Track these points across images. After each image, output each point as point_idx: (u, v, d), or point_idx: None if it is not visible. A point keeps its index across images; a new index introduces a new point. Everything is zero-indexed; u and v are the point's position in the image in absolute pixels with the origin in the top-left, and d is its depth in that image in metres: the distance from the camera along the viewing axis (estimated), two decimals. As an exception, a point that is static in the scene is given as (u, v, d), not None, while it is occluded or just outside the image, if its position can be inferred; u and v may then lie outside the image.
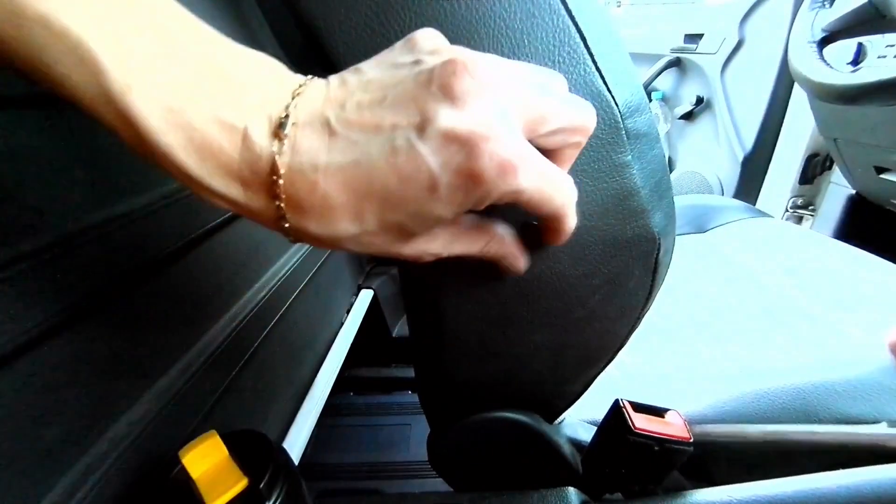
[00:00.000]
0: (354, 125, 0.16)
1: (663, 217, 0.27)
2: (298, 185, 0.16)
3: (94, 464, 0.24)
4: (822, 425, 0.39)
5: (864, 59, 0.78)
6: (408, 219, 0.17)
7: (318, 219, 0.16)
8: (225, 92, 0.16)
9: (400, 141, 0.16)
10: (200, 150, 0.15)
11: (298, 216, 0.16)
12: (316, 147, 0.16)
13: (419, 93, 0.16)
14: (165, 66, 0.15)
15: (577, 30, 0.22)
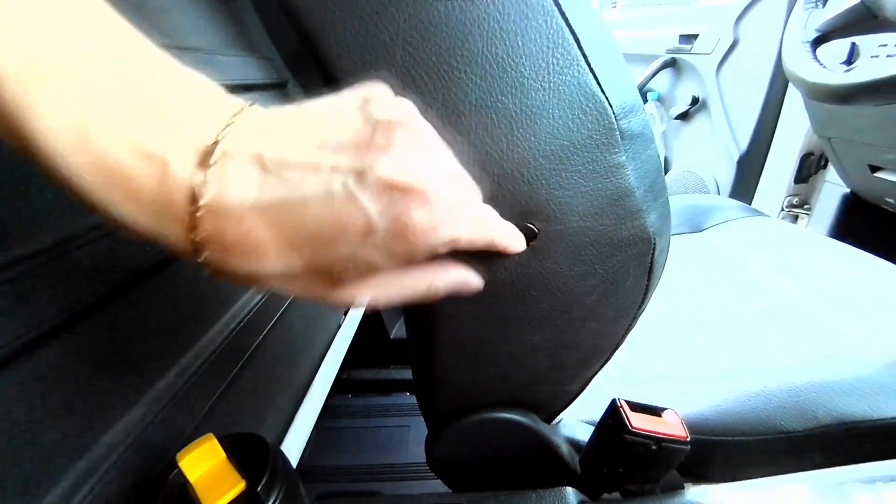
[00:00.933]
0: (291, 163, 0.15)
1: (658, 217, 0.27)
2: (222, 219, 0.15)
3: (91, 467, 0.24)
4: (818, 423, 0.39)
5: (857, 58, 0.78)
6: (338, 262, 0.16)
7: (242, 256, 0.16)
8: (148, 115, 0.15)
9: (337, 184, 0.15)
10: (109, 176, 0.14)
11: (219, 252, 0.16)
12: (245, 181, 0.15)
13: (362, 141, 0.16)
14: (78, 82, 0.14)
15: (571, 32, 0.22)
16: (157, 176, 0.15)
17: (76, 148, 0.14)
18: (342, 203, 0.15)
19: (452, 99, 0.22)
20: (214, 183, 0.15)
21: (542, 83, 0.22)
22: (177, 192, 0.15)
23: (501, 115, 0.23)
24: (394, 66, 0.22)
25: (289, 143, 0.16)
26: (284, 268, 0.16)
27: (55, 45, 0.13)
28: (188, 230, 0.15)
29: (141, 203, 0.15)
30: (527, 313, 0.28)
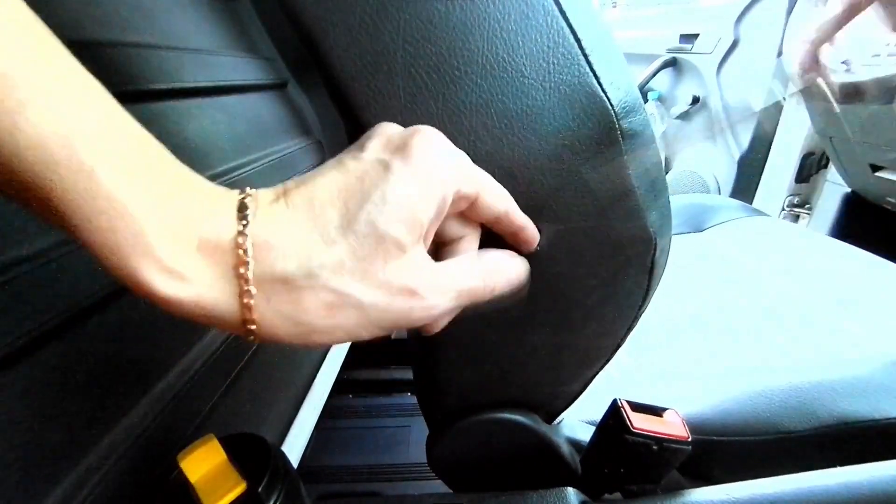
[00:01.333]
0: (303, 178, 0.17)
1: (659, 217, 0.27)
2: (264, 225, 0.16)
3: (92, 468, 0.24)
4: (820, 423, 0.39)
5: (858, 58, 0.78)
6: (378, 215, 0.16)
7: (286, 252, 0.16)
8: (184, 176, 0.16)
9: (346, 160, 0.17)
10: (163, 212, 0.14)
11: (265, 259, 0.16)
12: (274, 197, 0.17)
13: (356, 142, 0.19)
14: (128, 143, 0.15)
15: (572, 31, 0.22)
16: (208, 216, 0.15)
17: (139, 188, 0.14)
18: (353, 163, 0.17)
19: (453, 98, 0.22)
20: (251, 204, 0.16)
21: (542, 83, 0.22)
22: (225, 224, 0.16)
23: (502, 115, 0.23)
24: (394, 65, 0.22)
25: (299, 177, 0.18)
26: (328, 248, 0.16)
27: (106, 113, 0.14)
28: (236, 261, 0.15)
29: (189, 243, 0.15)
30: (526, 313, 0.28)
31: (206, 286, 0.15)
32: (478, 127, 0.23)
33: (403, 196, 0.16)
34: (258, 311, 0.16)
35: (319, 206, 0.16)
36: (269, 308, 0.16)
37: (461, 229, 0.21)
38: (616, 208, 0.25)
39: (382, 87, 0.22)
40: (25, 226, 0.23)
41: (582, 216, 0.25)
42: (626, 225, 0.26)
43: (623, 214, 0.26)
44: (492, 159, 0.23)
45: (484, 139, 0.23)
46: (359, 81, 0.22)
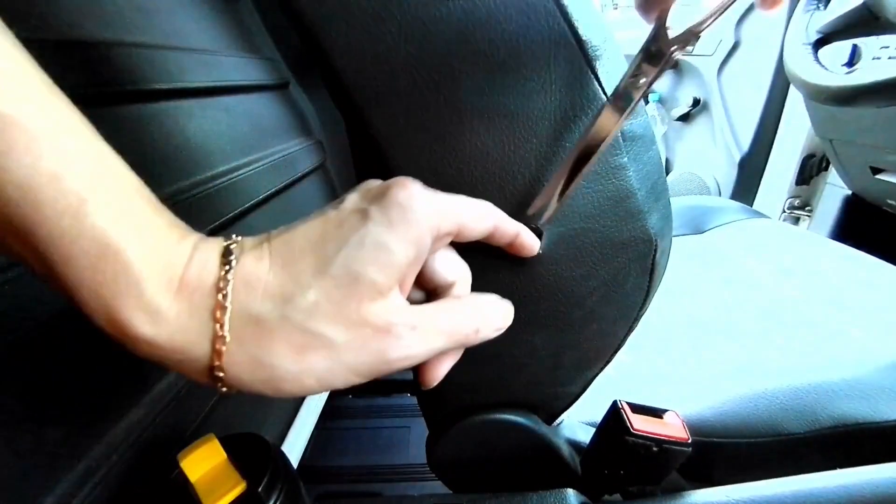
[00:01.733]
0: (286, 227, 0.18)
1: (660, 218, 0.27)
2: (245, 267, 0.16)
3: (92, 467, 0.24)
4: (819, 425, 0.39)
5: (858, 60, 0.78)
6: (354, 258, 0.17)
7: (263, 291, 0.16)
8: (168, 216, 0.16)
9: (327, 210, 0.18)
10: (148, 250, 0.15)
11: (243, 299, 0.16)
12: (256, 242, 0.17)
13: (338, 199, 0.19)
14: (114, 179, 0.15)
15: (573, 32, 0.22)
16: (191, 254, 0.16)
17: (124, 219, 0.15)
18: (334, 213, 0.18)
19: (454, 101, 0.22)
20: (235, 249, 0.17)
21: (543, 84, 0.22)
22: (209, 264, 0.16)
23: (503, 117, 0.23)
24: (396, 66, 0.22)
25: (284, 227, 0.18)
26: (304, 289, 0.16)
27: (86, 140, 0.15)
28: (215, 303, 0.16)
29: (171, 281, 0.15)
30: (528, 314, 0.28)
31: (181, 327, 0.15)
32: (479, 128, 0.23)
33: (379, 240, 0.16)
34: (228, 356, 0.16)
35: (298, 252, 0.16)
36: (239, 351, 0.16)
37: (451, 273, 0.21)
38: (617, 210, 0.25)
39: (383, 87, 0.22)
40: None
41: (582, 217, 0.25)
42: (627, 226, 0.26)
43: (624, 216, 0.26)
44: (493, 161, 0.23)
45: (485, 141, 0.23)
46: (360, 82, 0.22)
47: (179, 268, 0.15)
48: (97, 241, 0.14)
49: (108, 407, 0.26)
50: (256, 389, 0.17)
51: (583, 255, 0.26)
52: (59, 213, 0.13)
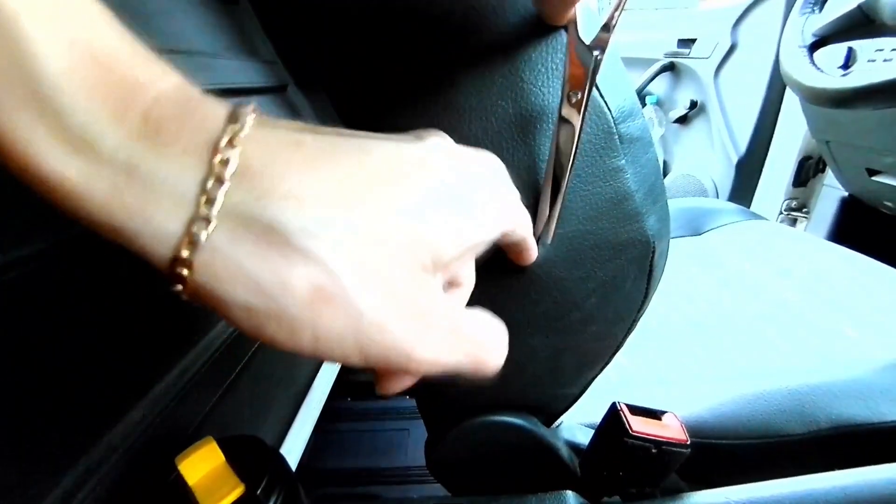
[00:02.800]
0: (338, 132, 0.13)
1: (657, 220, 0.27)
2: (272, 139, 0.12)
3: (90, 469, 0.24)
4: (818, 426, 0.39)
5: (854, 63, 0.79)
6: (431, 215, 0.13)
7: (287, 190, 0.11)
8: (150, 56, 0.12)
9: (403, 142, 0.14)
10: (103, 77, 0.10)
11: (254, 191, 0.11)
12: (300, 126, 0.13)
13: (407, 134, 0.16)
14: None
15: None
16: (170, 86, 0.11)
17: (76, 44, 0.10)
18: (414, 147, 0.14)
19: (453, 103, 0.22)
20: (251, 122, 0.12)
21: (541, 87, 0.22)
22: (203, 121, 0.11)
23: (501, 120, 0.23)
24: (394, 68, 0.22)
25: None
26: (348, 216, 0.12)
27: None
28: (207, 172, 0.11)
29: (138, 118, 0.11)
30: (526, 316, 0.28)
31: (136, 184, 0.10)
32: (478, 131, 0.23)
33: (463, 213, 0.14)
34: (206, 252, 0.11)
35: (371, 175, 0.12)
36: (228, 253, 0.11)
37: (465, 275, 0.19)
38: (615, 212, 0.25)
39: (383, 90, 0.22)
40: (26, 226, 0.23)
41: (580, 220, 0.25)
42: (625, 228, 0.26)
43: (621, 218, 0.26)
44: (491, 162, 0.23)
45: (484, 143, 0.23)
46: (359, 85, 0.22)
47: (147, 94, 0.11)
48: (36, 60, 0.09)
49: (106, 409, 0.26)
50: (227, 313, 0.12)
51: (581, 257, 0.26)
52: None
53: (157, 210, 0.11)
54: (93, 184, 0.10)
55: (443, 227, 0.13)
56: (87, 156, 0.10)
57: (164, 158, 0.10)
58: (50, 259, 0.23)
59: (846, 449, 0.39)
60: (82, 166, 0.10)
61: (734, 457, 0.39)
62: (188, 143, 0.11)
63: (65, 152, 0.10)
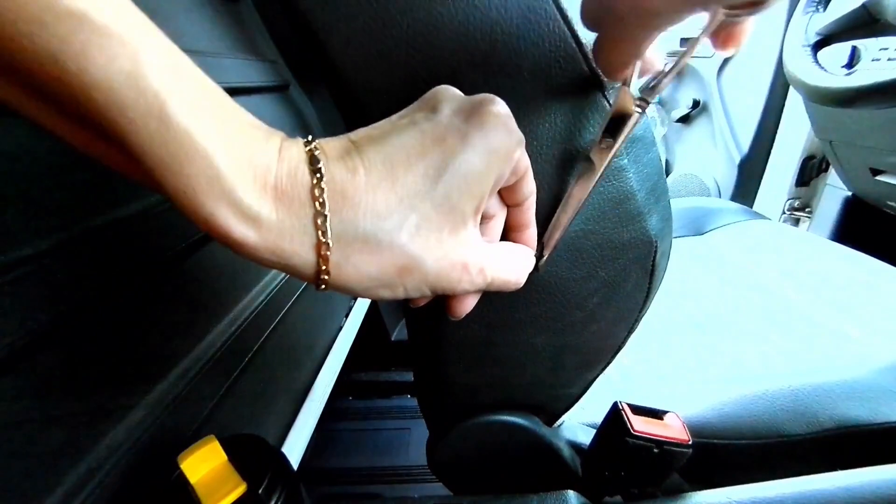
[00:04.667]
0: (371, 134, 0.17)
1: (660, 220, 0.27)
2: (340, 178, 0.16)
3: (93, 468, 0.24)
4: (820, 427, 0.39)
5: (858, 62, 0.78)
6: (454, 185, 0.17)
7: (369, 210, 0.16)
8: (249, 118, 0.16)
9: (421, 121, 0.17)
10: (237, 153, 0.14)
11: (345, 214, 0.16)
12: (345, 150, 0.16)
13: (423, 102, 0.18)
14: (204, 84, 0.15)
15: (573, 35, 0.22)
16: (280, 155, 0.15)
17: (201, 115, 0.14)
18: (430, 126, 0.17)
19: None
20: (323, 157, 0.16)
21: (543, 86, 0.22)
22: (297, 167, 0.15)
23: None
24: (397, 68, 0.22)
25: (364, 130, 0.18)
26: (409, 211, 0.16)
27: (181, 55, 0.14)
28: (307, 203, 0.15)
29: (264, 184, 0.15)
30: (528, 315, 0.28)
31: (283, 235, 0.15)
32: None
33: (477, 169, 0.17)
34: (334, 264, 0.16)
35: (399, 166, 0.16)
36: (344, 261, 0.16)
37: (496, 207, 0.21)
38: (617, 211, 0.25)
39: (385, 89, 0.22)
40: (25, 227, 0.23)
41: (583, 219, 0.25)
42: (627, 228, 0.26)
43: (623, 218, 0.26)
44: (493, 162, 0.23)
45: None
46: (361, 83, 0.22)
47: (271, 172, 0.15)
48: (185, 146, 0.13)
49: (108, 408, 0.26)
50: (357, 293, 0.18)
51: (583, 256, 0.26)
52: (143, 116, 0.13)
53: (300, 248, 0.16)
54: (262, 240, 0.15)
55: (464, 191, 0.17)
56: (256, 223, 0.15)
57: (293, 213, 0.15)
58: (52, 259, 0.23)
59: (849, 449, 0.39)
60: (254, 232, 0.15)
61: (736, 457, 0.39)
62: (299, 197, 0.15)
63: (243, 224, 0.15)
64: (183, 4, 0.47)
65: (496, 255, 0.20)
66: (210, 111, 0.14)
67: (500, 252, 0.21)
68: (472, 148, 0.17)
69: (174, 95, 0.13)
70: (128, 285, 0.28)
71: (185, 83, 0.14)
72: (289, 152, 0.16)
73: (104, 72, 0.12)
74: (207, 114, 0.14)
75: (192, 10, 0.49)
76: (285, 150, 0.16)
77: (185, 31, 0.46)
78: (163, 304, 0.31)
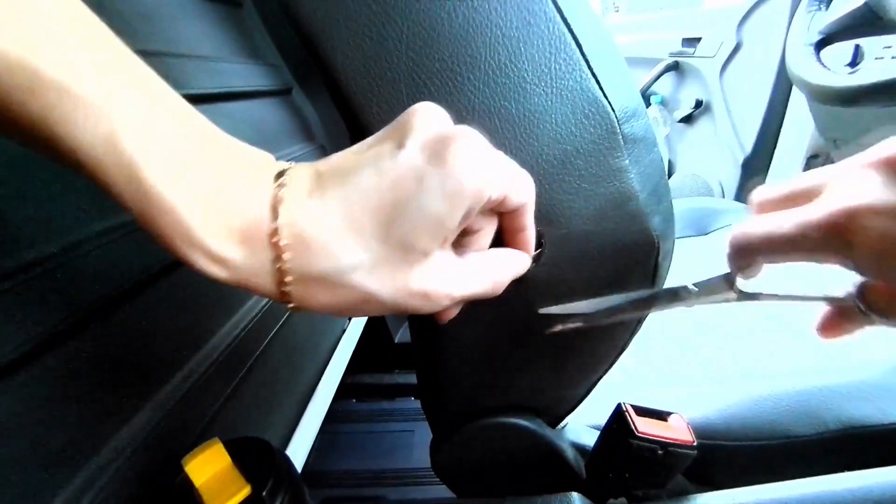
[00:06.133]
0: (339, 165, 0.18)
1: (662, 220, 0.27)
2: (301, 221, 0.17)
3: (97, 472, 0.24)
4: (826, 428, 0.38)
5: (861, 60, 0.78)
6: (409, 228, 0.17)
7: (322, 253, 0.17)
8: (228, 162, 0.17)
9: (384, 158, 0.17)
10: (207, 207, 0.16)
11: (302, 256, 0.17)
12: (310, 188, 0.17)
13: (395, 128, 0.18)
14: (176, 133, 0.16)
15: (573, 37, 0.22)
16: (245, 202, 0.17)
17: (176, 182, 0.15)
18: (390, 166, 0.17)
19: (456, 104, 0.22)
20: (285, 198, 0.17)
21: (544, 88, 0.22)
22: (259, 211, 0.17)
23: (504, 120, 0.23)
24: (398, 71, 0.22)
25: (335, 158, 0.19)
26: (360, 258, 0.17)
27: (157, 102, 0.16)
28: (269, 246, 0.17)
29: (231, 231, 0.17)
30: (531, 317, 0.28)
31: (249, 273, 0.17)
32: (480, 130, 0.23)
33: (433, 213, 0.17)
34: (297, 297, 0.18)
35: (356, 209, 0.17)
36: (307, 295, 0.18)
37: (483, 222, 0.21)
38: (619, 212, 0.25)
39: (385, 92, 0.23)
40: (29, 232, 0.23)
41: (584, 220, 0.25)
42: (629, 229, 0.26)
43: (626, 218, 0.26)
44: (494, 164, 0.23)
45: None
46: (362, 87, 0.23)
47: (238, 218, 0.16)
48: (157, 205, 0.15)
49: (113, 411, 0.26)
50: (321, 312, 0.19)
51: (585, 257, 0.26)
52: (120, 178, 0.15)
53: (264, 283, 0.17)
54: (231, 277, 0.17)
55: (420, 231, 0.17)
56: (225, 264, 0.17)
57: (256, 255, 0.17)
58: (58, 263, 0.24)
59: (855, 450, 0.38)
60: (224, 271, 0.17)
61: (741, 458, 0.39)
62: (261, 240, 0.17)
63: (213, 265, 0.17)
64: (186, 10, 0.48)
65: (468, 273, 0.20)
66: (183, 168, 0.15)
67: (474, 268, 0.20)
68: (429, 193, 0.17)
69: (147, 157, 0.15)
70: (133, 288, 0.29)
71: (159, 143, 0.15)
72: (259, 193, 0.17)
73: (86, 137, 0.14)
74: (180, 171, 0.15)
75: (195, 16, 0.49)
76: (256, 193, 0.17)
77: (188, 36, 0.46)
78: (167, 307, 0.31)
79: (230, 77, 0.51)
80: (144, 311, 0.29)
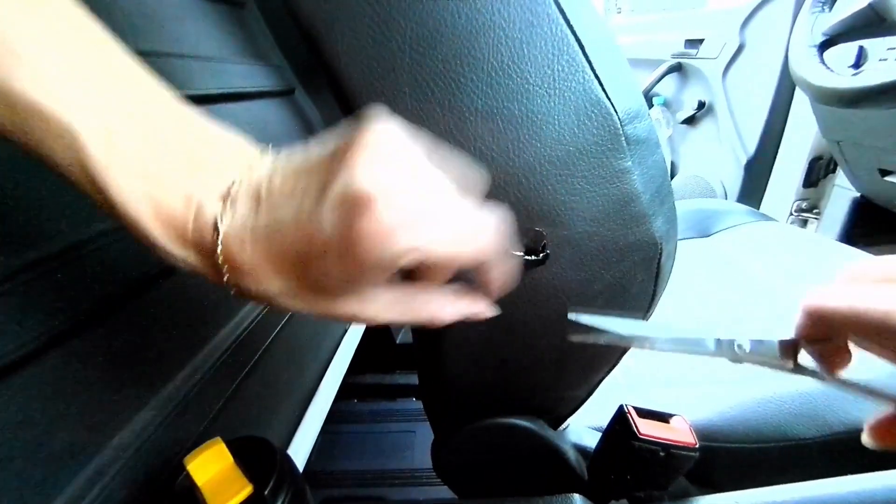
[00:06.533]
0: (276, 192, 0.18)
1: (665, 222, 0.27)
2: (232, 246, 0.18)
3: (99, 471, 0.24)
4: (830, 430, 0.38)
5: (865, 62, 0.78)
6: (321, 278, 0.18)
7: (251, 277, 0.18)
8: (189, 167, 0.18)
9: (306, 204, 0.17)
10: (164, 220, 0.18)
11: (236, 275, 0.18)
12: (247, 212, 0.18)
13: (331, 161, 0.17)
14: (141, 146, 0.17)
15: (576, 38, 0.22)
16: (195, 215, 0.18)
17: (141, 200, 0.17)
18: (306, 220, 0.17)
19: (459, 105, 0.22)
20: (227, 218, 0.18)
21: (547, 89, 0.22)
22: (206, 227, 0.18)
23: (507, 121, 0.23)
24: (401, 72, 0.22)
25: (279, 176, 0.18)
26: (283, 285, 0.19)
27: (125, 114, 0.17)
28: (214, 257, 0.18)
29: (185, 241, 0.18)
30: (533, 318, 0.28)
31: (205, 272, 0.19)
32: (484, 133, 0.23)
33: (336, 275, 0.18)
34: (237, 285, 0.19)
35: (276, 246, 0.18)
36: (244, 284, 0.19)
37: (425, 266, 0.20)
38: (621, 213, 0.25)
39: (389, 93, 0.23)
40: (30, 232, 0.23)
41: (587, 221, 0.25)
42: (632, 230, 0.26)
43: (628, 220, 0.26)
44: (497, 165, 0.23)
45: (489, 145, 0.23)
46: (365, 88, 0.23)
47: (189, 230, 0.18)
48: (123, 215, 0.17)
49: (115, 410, 0.26)
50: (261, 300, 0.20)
51: (587, 258, 0.26)
52: (92, 190, 0.17)
53: (218, 280, 0.19)
54: (192, 270, 0.19)
55: (335, 282, 0.18)
56: (184, 262, 0.19)
57: (205, 260, 0.18)
58: (60, 263, 0.24)
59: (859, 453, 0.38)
60: (184, 267, 0.19)
61: (744, 461, 0.39)
62: (206, 253, 0.18)
63: (176, 261, 0.19)
64: (189, 10, 0.48)
65: (397, 305, 0.20)
66: (143, 181, 0.17)
67: (407, 300, 0.20)
68: (329, 260, 0.17)
69: (111, 172, 0.16)
70: (135, 288, 0.29)
71: (121, 157, 0.16)
72: (209, 206, 0.18)
73: (62, 155, 0.16)
74: (140, 184, 0.17)
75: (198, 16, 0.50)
76: (206, 207, 0.18)
77: (191, 36, 0.47)
78: (169, 307, 0.32)
79: (233, 77, 0.51)
80: (146, 311, 0.29)
